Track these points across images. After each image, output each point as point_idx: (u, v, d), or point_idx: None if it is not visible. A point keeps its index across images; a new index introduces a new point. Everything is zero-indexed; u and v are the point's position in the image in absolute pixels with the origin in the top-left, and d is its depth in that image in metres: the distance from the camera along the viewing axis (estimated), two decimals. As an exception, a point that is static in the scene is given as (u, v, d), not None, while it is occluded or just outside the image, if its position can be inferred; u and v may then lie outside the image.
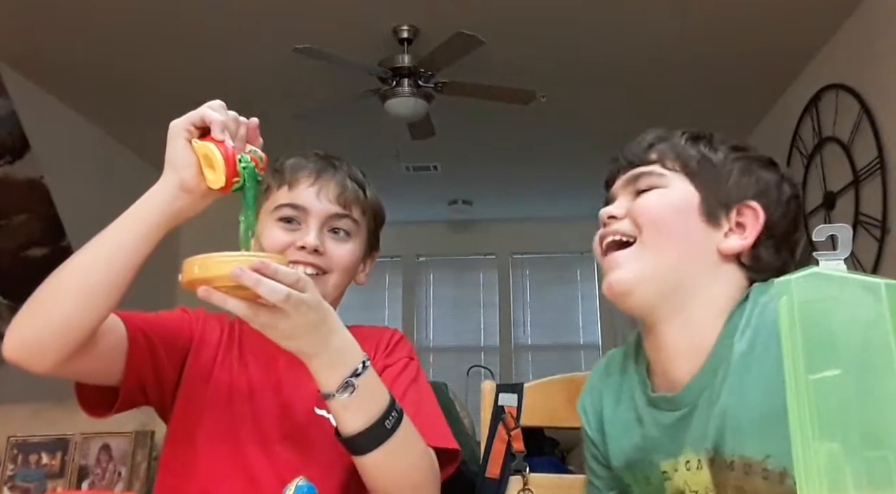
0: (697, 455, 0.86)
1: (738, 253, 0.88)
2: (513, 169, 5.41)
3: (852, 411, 0.57)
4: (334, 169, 1.11)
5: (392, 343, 1.12)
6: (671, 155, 0.92)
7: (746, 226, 0.89)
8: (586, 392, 1.05)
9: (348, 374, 0.85)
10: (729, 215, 0.89)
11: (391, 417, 0.87)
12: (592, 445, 1.03)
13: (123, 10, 3.18)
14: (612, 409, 0.99)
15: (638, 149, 0.95)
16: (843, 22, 3.27)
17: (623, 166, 0.95)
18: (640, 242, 0.89)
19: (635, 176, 0.93)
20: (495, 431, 1.25)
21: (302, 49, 3.10)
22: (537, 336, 6.62)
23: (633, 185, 0.93)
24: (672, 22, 3.30)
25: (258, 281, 0.75)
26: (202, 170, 0.86)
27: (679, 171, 0.91)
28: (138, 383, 1.00)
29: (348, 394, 0.84)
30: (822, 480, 0.56)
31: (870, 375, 0.58)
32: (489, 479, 1.22)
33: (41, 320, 0.86)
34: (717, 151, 0.92)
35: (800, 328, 0.60)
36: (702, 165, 0.91)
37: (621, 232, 0.90)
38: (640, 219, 0.89)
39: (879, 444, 0.56)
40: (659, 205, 0.90)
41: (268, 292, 0.76)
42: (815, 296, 0.61)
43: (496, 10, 3.20)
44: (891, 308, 0.57)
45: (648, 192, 0.91)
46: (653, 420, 0.91)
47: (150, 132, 4.55)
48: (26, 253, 3.80)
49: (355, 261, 1.11)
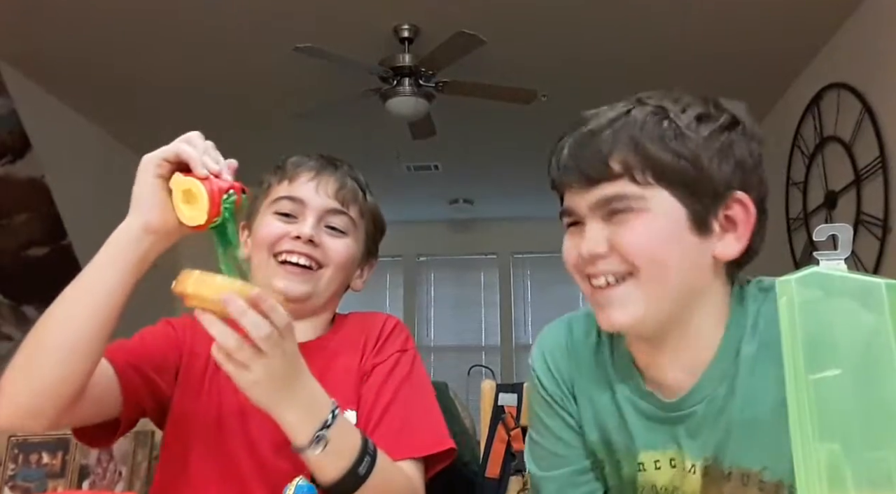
0: (692, 460, 0.84)
1: (738, 256, 0.81)
2: (514, 168, 5.40)
3: (852, 411, 0.57)
4: (335, 167, 1.10)
5: (384, 334, 1.08)
6: (638, 165, 0.77)
7: (738, 222, 0.80)
8: (554, 349, 0.95)
9: (319, 427, 0.82)
10: (717, 215, 0.80)
11: (364, 462, 0.85)
12: (562, 408, 0.92)
13: (124, 9, 3.18)
14: (587, 381, 0.91)
15: (596, 159, 0.79)
16: (845, 21, 3.27)
17: (577, 177, 0.81)
18: (636, 278, 0.79)
19: (605, 200, 0.79)
20: (495, 431, 1.25)
21: (302, 48, 3.10)
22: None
23: (604, 209, 0.80)
24: (673, 21, 3.30)
25: (244, 311, 0.73)
26: (176, 205, 0.83)
27: (654, 184, 0.78)
28: (139, 412, 1.00)
29: (321, 449, 0.82)
30: (822, 480, 0.56)
31: (870, 375, 0.57)
32: (489, 479, 1.23)
33: (31, 384, 0.83)
34: (687, 139, 0.78)
35: (800, 328, 0.60)
36: (678, 166, 0.77)
37: (613, 272, 0.79)
38: (634, 258, 0.78)
39: (879, 444, 0.56)
40: (649, 239, 0.78)
41: (251, 325, 0.74)
42: (815, 296, 0.61)
43: (497, 10, 3.20)
44: (891, 308, 0.57)
45: (630, 221, 0.78)
46: (638, 411, 0.87)
47: (150, 131, 4.56)
48: (27, 252, 3.80)
49: (351, 259, 1.09)
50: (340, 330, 1.11)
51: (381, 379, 1.03)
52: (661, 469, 0.86)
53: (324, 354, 1.05)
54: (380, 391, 1.02)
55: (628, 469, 0.88)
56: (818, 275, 0.61)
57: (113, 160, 4.50)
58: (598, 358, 0.92)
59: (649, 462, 0.87)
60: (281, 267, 1.03)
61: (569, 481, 0.92)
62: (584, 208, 0.81)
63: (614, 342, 0.91)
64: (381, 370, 1.04)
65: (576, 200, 0.82)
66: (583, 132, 0.82)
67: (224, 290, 0.74)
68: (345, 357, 1.06)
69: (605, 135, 0.79)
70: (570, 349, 0.94)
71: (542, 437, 0.95)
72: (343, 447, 0.85)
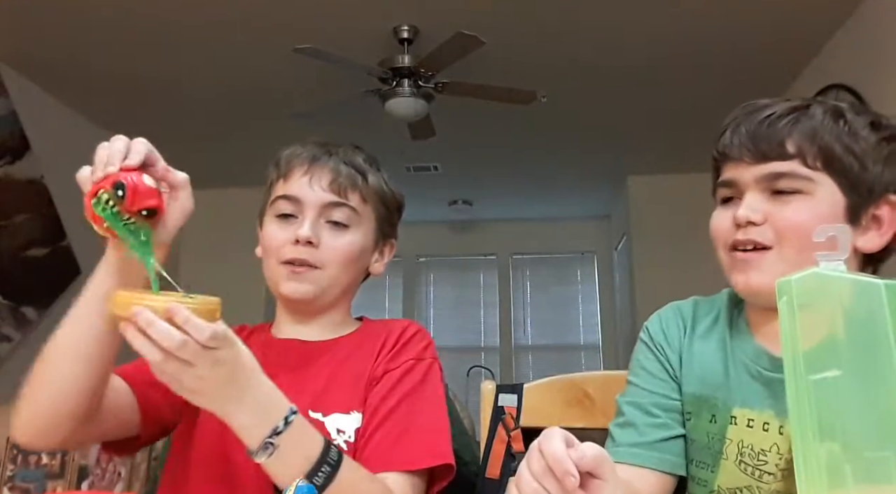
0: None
1: (876, 250, 0.86)
2: (513, 169, 5.41)
3: (852, 411, 0.57)
4: (329, 155, 1.05)
5: (402, 340, 1.04)
6: (812, 149, 0.84)
7: (884, 221, 0.86)
8: (670, 315, 1.02)
9: (268, 435, 0.79)
10: (868, 211, 0.86)
11: (321, 472, 0.81)
12: (662, 355, 0.99)
13: (124, 9, 3.18)
14: (701, 342, 0.97)
15: (773, 138, 0.85)
16: (844, 22, 3.27)
17: (750, 152, 0.86)
18: (779, 250, 0.84)
19: (774, 175, 0.85)
20: (495, 432, 1.25)
21: (302, 49, 3.10)
22: (537, 336, 6.62)
23: (770, 184, 0.86)
24: (672, 22, 3.30)
25: (149, 323, 0.70)
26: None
27: (822, 170, 0.84)
28: (160, 427, 1.00)
29: (268, 456, 0.79)
30: (822, 480, 0.56)
31: (870, 375, 0.58)
32: (489, 479, 1.22)
33: (38, 407, 0.84)
34: (859, 139, 0.85)
35: (800, 328, 0.60)
36: (846, 161, 0.84)
37: (760, 242, 0.85)
38: (788, 233, 0.84)
39: (879, 444, 0.56)
40: (810, 221, 0.82)
41: (159, 337, 0.71)
42: (815, 297, 0.61)
43: (496, 10, 3.20)
44: (891, 308, 0.57)
45: (794, 202, 0.84)
46: (746, 370, 0.90)
47: (150, 132, 4.56)
48: (26, 253, 3.80)
49: (355, 254, 1.05)
50: (359, 333, 1.09)
51: (389, 387, 0.99)
52: (753, 429, 0.88)
53: (334, 355, 1.03)
54: (384, 398, 0.98)
55: (720, 421, 0.91)
56: (818, 276, 0.61)
57: (112, 161, 4.50)
58: (716, 326, 0.98)
59: (742, 418, 0.89)
60: (284, 269, 1.02)
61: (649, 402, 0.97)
62: (748, 179, 0.87)
63: (733, 313, 0.97)
64: (391, 376, 1.00)
65: (741, 172, 0.88)
66: (762, 115, 0.88)
67: (138, 305, 0.71)
68: (357, 360, 1.03)
69: (784, 120, 0.86)
70: (688, 315, 1.01)
71: (636, 377, 1.01)
72: (296, 455, 0.81)
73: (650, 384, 0.99)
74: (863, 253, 0.87)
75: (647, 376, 0.99)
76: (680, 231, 5.04)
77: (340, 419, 0.98)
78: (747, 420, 0.88)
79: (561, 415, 1.23)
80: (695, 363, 0.96)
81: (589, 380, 1.25)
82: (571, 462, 0.61)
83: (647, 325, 1.04)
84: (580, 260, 6.53)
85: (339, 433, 0.97)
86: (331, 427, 0.97)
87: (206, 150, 4.74)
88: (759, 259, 0.85)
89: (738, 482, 0.89)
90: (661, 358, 0.99)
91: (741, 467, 0.88)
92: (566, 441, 0.63)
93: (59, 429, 0.85)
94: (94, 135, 2.65)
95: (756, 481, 0.87)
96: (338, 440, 0.96)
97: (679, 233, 5.06)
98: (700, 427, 0.93)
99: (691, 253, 4.34)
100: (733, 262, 0.88)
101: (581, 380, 1.26)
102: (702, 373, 0.95)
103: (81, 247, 4.07)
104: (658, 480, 0.93)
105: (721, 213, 0.91)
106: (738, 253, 0.87)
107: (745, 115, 0.90)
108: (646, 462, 0.93)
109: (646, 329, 1.04)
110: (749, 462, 0.88)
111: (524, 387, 1.26)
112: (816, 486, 0.56)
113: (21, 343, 3.65)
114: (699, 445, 0.93)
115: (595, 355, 6.48)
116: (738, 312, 0.97)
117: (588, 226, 6.55)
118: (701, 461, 0.93)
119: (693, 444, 0.95)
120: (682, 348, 0.99)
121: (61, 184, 3.98)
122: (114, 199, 0.74)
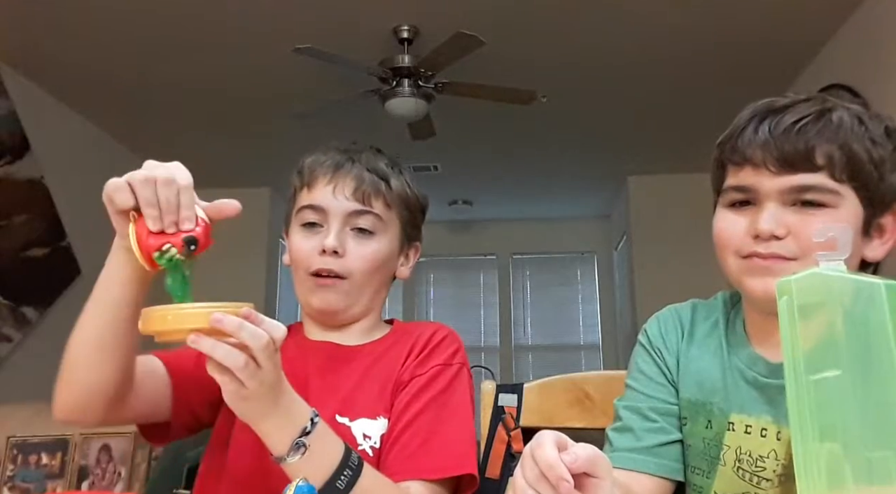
0: (786, 428, 0.84)
1: (880, 259, 0.86)
2: (513, 169, 5.41)
3: (852, 411, 0.57)
4: (352, 162, 1.06)
5: (430, 345, 1.03)
6: (841, 161, 0.80)
7: (886, 229, 0.85)
8: (668, 319, 1.01)
9: (297, 435, 0.79)
10: (875, 221, 0.85)
11: (343, 476, 0.81)
12: (660, 359, 0.99)
13: (124, 9, 3.18)
14: (698, 348, 0.96)
15: (801, 148, 0.81)
16: (845, 21, 3.27)
17: (776, 160, 0.81)
18: (802, 262, 0.80)
19: (801, 188, 0.81)
20: (495, 431, 1.25)
21: (302, 49, 3.10)
22: (537, 336, 6.62)
23: (795, 196, 0.81)
24: (672, 22, 3.30)
25: (241, 325, 0.71)
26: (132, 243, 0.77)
27: (847, 182, 0.81)
28: (192, 417, 1.00)
29: (300, 456, 0.79)
30: (822, 480, 0.56)
31: (870, 375, 0.57)
32: (489, 479, 1.22)
33: (71, 387, 0.87)
34: (878, 146, 0.82)
35: (800, 328, 0.60)
36: (869, 172, 0.81)
37: (783, 256, 0.81)
38: (814, 250, 0.74)
39: (879, 444, 0.56)
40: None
41: (250, 337, 0.71)
42: (815, 297, 0.61)
43: (496, 10, 3.20)
44: (891, 308, 0.57)
45: (819, 215, 0.81)
46: (743, 377, 0.89)
47: (150, 132, 4.56)
48: (26, 253, 3.80)
49: (381, 260, 1.05)
50: (389, 337, 1.08)
51: (414, 393, 0.98)
52: (751, 435, 0.87)
53: (364, 360, 1.03)
54: (409, 404, 0.97)
55: (717, 426, 0.90)
56: (818, 276, 0.61)
57: (112, 161, 4.49)
58: (714, 331, 0.96)
59: (740, 425, 0.88)
60: (312, 281, 1.02)
61: (647, 406, 0.97)
62: (770, 189, 0.82)
63: (730, 319, 0.96)
64: (416, 382, 0.99)
65: (761, 180, 0.83)
66: (787, 120, 0.82)
67: (209, 314, 0.71)
68: (385, 364, 1.02)
69: (810, 127, 0.81)
70: (686, 320, 1.00)
71: (634, 380, 1.00)
72: (322, 456, 0.81)
73: (648, 388, 0.98)
74: (864, 263, 0.87)
75: (645, 380, 0.99)
76: (680, 231, 5.05)
77: (367, 424, 0.97)
78: (745, 427, 0.88)
79: (561, 415, 1.23)
80: (692, 368, 0.96)
81: (589, 380, 1.25)
82: (564, 467, 0.60)
83: (645, 328, 1.03)
84: (580, 260, 6.54)
85: (365, 438, 0.96)
86: (357, 433, 0.96)
87: (206, 150, 4.74)
88: (784, 268, 0.81)
89: (736, 488, 0.88)
90: (658, 362, 0.99)
91: (739, 473, 0.88)
92: (558, 444, 0.62)
93: (93, 409, 0.88)
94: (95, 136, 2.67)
95: (754, 487, 0.87)
96: (363, 445, 0.95)
97: (679, 233, 5.06)
98: (696, 433, 0.93)
99: (691, 253, 4.35)
100: (750, 268, 0.84)
101: (581, 380, 1.26)
102: (699, 378, 0.94)
103: (81, 247, 4.07)
104: (656, 485, 0.93)
105: (731, 217, 0.86)
106: (757, 260, 0.83)
107: (764, 116, 0.84)
108: (643, 466, 0.93)
109: (644, 332, 1.03)
110: (747, 469, 0.87)
111: (524, 387, 1.27)
112: (816, 486, 0.56)
113: (21, 343, 3.66)
114: (695, 450, 0.93)
115: (595, 355, 6.49)
116: (734, 318, 0.96)
117: (588, 226, 6.56)
118: (697, 467, 0.93)
119: (689, 449, 0.94)
120: (680, 352, 0.98)
121: (61, 184, 3.98)
122: (185, 254, 0.75)
